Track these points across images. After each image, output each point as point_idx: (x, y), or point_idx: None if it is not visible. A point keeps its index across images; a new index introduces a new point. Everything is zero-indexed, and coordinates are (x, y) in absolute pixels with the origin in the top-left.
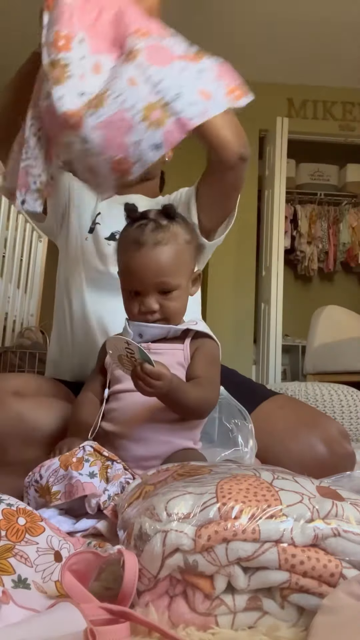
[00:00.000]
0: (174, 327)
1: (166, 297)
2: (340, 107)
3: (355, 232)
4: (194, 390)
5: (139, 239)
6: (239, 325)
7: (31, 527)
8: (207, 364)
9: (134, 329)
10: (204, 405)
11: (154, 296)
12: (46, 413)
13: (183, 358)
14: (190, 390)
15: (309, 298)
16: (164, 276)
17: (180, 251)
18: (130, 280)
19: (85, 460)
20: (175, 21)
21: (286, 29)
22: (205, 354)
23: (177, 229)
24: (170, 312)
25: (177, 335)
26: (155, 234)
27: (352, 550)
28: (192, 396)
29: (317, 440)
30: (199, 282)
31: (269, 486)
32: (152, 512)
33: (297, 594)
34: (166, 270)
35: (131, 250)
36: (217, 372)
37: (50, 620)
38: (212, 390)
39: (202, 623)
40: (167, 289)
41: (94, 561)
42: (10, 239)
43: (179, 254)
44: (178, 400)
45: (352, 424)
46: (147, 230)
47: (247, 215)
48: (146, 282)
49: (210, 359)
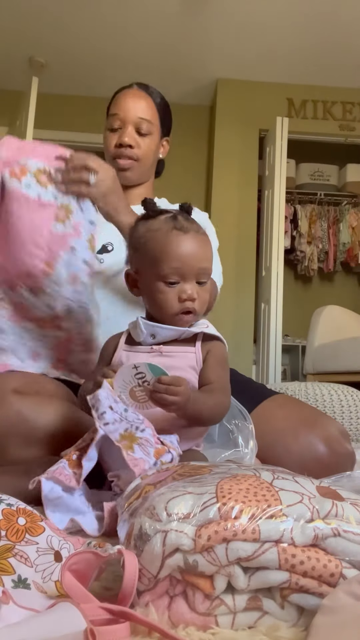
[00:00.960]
0: (187, 329)
1: (201, 287)
2: (340, 107)
3: (355, 232)
4: (210, 399)
5: (181, 226)
6: (239, 325)
7: (31, 527)
8: (220, 369)
9: (147, 329)
10: (221, 412)
11: (194, 284)
12: (46, 412)
13: (195, 361)
14: (206, 400)
15: (309, 298)
16: (205, 262)
17: (209, 241)
18: (173, 267)
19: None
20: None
21: (286, 29)
22: (216, 357)
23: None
24: (203, 303)
25: (187, 337)
26: (192, 224)
27: (352, 550)
28: (209, 405)
29: (317, 439)
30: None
31: (269, 486)
32: (152, 512)
33: (297, 594)
34: (209, 257)
35: (174, 236)
36: (228, 376)
37: (50, 620)
38: (226, 395)
39: (202, 623)
40: (206, 278)
41: (94, 561)
42: None
43: (211, 244)
44: (197, 411)
45: (352, 424)
46: (181, 219)
47: (247, 215)
48: (191, 267)
49: (221, 362)
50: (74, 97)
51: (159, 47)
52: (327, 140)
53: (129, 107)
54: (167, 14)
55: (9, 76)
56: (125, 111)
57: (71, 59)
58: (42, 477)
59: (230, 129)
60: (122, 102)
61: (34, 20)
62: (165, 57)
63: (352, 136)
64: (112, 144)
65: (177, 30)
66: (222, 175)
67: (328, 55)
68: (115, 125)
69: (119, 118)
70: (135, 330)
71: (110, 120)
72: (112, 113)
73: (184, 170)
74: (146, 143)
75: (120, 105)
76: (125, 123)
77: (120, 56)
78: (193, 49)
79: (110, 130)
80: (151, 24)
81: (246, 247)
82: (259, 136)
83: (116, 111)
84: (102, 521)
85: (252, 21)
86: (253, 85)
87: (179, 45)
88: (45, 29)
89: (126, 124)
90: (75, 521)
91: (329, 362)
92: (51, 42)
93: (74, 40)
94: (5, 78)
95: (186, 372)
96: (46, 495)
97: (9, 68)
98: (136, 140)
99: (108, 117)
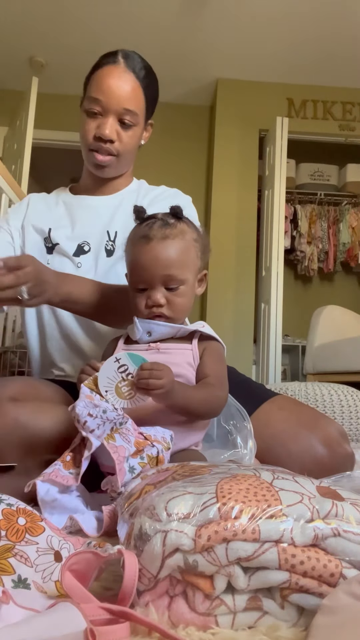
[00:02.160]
0: (183, 327)
1: (173, 293)
2: (340, 107)
3: (355, 232)
4: (203, 391)
5: (148, 234)
6: (239, 325)
7: (31, 527)
8: (216, 363)
9: (143, 326)
10: (214, 404)
11: (161, 290)
12: (44, 418)
13: (192, 358)
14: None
15: (309, 298)
16: (171, 269)
17: (187, 247)
18: (138, 275)
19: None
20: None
21: (286, 29)
22: (212, 354)
23: (184, 226)
24: (176, 308)
25: (183, 336)
26: (164, 230)
27: (352, 550)
28: (202, 396)
29: (316, 441)
30: (205, 283)
31: (269, 486)
32: (152, 512)
33: (297, 594)
34: (173, 263)
35: (139, 245)
36: (225, 371)
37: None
38: (221, 388)
39: (202, 623)
40: (174, 284)
41: (94, 561)
42: None
43: (186, 249)
44: (187, 401)
45: (352, 424)
46: (155, 226)
47: (247, 215)
48: (153, 275)
49: (217, 358)
50: (74, 97)
51: (159, 47)
52: (327, 140)
53: (112, 93)
54: (167, 14)
55: (9, 76)
56: (108, 97)
57: (71, 59)
58: (38, 480)
59: (230, 129)
60: (106, 85)
61: (34, 20)
62: (165, 57)
63: (352, 136)
64: (91, 134)
65: (177, 30)
66: (222, 175)
67: (328, 55)
68: (95, 110)
69: (101, 105)
70: (132, 329)
71: (90, 103)
72: (93, 96)
73: (184, 170)
74: (129, 135)
75: (102, 90)
76: (108, 112)
77: None
78: (193, 49)
79: (88, 114)
80: (151, 24)
81: (246, 247)
82: (259, 136)
83: (98, 95)
84: (101, 521)
85: (252, 21)
86: (253, 85)
87: (179, 45)
88: (45, 29)
89: (108, 113)
90: (74, 520)
91: (329, 362)
92: (51, 42)
93: (74, 40)
94: (5, 78)
95: (183, 368)
96: (42, 498)
97: (9, 68)
98: (118, 134)
99: (86, 96)
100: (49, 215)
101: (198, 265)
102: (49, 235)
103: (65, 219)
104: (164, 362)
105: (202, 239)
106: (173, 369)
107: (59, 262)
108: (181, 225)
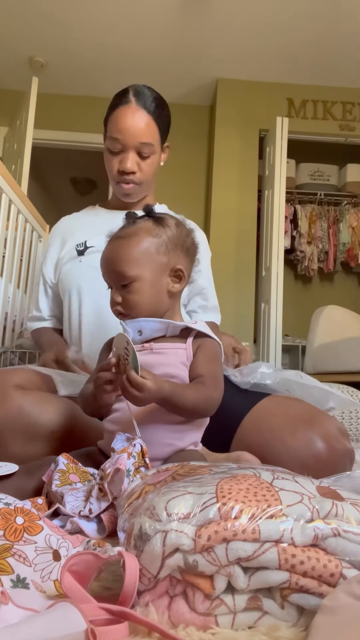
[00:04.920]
0: (172, 322)
1: (126, 290)
2: (340, 107)
3: (355, 232)
4: (192, 393)
5: (110, 235)
6: (239, 325)
7: (29, 527)
8: (209, 362)
9: (132, 326)
10: (207, 404)
11: (118, 290)
12: (47, 408)
13: (186, 357)
14: (187, 394)
15: (309, 298)
16: (117, 265)
17: (138, 243)
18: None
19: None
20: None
21: (286, 29)
22: (206, 352)
23: (146, 224)
24: (129, 305)
25: (176, 334)
26: (122, 231)
27: (352, 550)
28: (189, 399)
29: (315, 437)
30: (184, 279)
31: (269, 486)
32: (152, 512)
33: (297, 594)
34: (121, 261)
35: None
36: (220, 370)
37: (50, 620)
38: (216, 388)
39: (202, 623)
40: (125, 281)
41: (94, 562)
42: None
43: (138, 245)
44: (175, 405)
45: (352, 424)
46: (121, 227)
47: (247, 215)
48: (106, 275)
49: (211, 356)
50: (74, 97)
51: (159, 47)
52: (327, 140)
53: (128, 131)
54: (167, 14)
55: (9, 76)
56: (125, 136)
57: (71, 59)
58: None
59: (230, 129)
60: (122, 125)
61: (34, 20)
62: (165, 57)
63: (352, 136)
64: (115, 169)
65: (178, 30)
66: (222, 175)
67: (328, 55)
68: (115, 149)
69: (120, 143)
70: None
71: (111, 143)
72: (113, 137)
73: (184, 170)
74: (147, 164)
75: (119, 129)
76: (127, 148)
77: (120, 56)
78: (193, 49)
79: (111, 153)
80: (151, 23)
81: (246, 247)
82: (259, 136)
83: (116, 135)
84: (102, 524)
85: (252, 21)
86: (253, 85)
87: (179, 45)
88: (45, 29)
89: (127, 149)
90: (75, 523)
91: (329, 362)
92: (51, 42)
93: (74, 40)
94: (5, 78)
95: (177, 368)
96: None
97: (9, 68)
98: (138, 165)
99: (107, 136)
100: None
101: (161, 261)
102: (84, 244)
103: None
104: (157, 362)
105: (172, 234)
106: (167, 369)
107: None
108: (143, 223)
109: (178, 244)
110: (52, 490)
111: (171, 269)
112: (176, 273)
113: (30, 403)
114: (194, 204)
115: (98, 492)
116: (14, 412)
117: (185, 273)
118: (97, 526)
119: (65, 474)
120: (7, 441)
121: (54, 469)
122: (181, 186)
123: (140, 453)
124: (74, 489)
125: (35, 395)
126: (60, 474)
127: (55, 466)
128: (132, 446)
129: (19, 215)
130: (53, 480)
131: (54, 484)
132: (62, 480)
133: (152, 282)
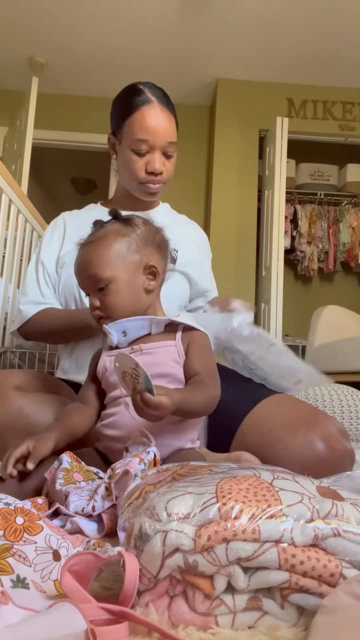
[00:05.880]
0: (155, 318)
1: (102, 293)
2: (340, 107)
3: (355, 232)
4: (200, 395)
5: (81, 241)
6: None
7: (29, 526)
8: (203, 357)
9: (115, 328)
10: (211, 403)
11: (95, 294)
12: (47, 410)
13: (177, 354)
14: (196, 398)
15: (309, 298)
16: (91, 269)
17: (109, 245)
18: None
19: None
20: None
21: (286, 29)
22: (198, 347)
23: (114, 226)
24: (107, 307)
25: (161, 330)
26: (91, 236)
27: (352, 550)
28: (199, 402)
29: (315, 437)
30: (159, 275)
31: (269, 486)
32: (152, 512)
33: (297, 594)
34: (94, 265)
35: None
36: (214, 363)
37: (50, 620)
38: (215, 386)
39: (202, 623)
40: (100, 283)
41: (94, 562)
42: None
43: (109, 247)
44: (187, 412)
45: (352, 424)
46: (89, 235)
47: (247, 215)
48: (81, 280)
49: (204, 351)
50: (74, 97)
51: (159, 47)
52: (327, 140)
53: (157, 132)
54: (167, 14)
55: (9, 76)
56: (154, 137)
57: (71, 59)
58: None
59: (230, 129)
60: (150, 125)
61: (34, 20)
62: (165, 57)
63: (352, 136)
64: (141, 170)
65: (178, 30)
66: (222, 175)
67: (328, 55)
68: (142, 150)
69: (148, 144)
70: (108, 338)
71: (137, 144)
72: (139, 138)
73: (184, 170)
74: (171, 162)
75: (148, 130)
76: (154, 149)
77: (120, 56)
78: (193, 49)
79: (136, 154)
80: (151, 23)
81: (246, 247)
82: (259, 136)
83: (144, 136)
84: (102, 524)
85: (252, 21)
86: (253, 85)
87: (179, 45)
88: (45, 28)
89: (154, 150)
90: (75, 523)
91: (329, 362)
92: (51, 42)
93: (74, 39)
94: (5, 78)
95: (169, 366)
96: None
97: (9, 68)
98: (164, 164)
99: (131, 139)
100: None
101: (134, 259)
102: None
103: None
104: (148, 362)
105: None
106: (159, 368)
107: None
108: (111, 226)
109: (148, 241)
110: (56, 488)
111: (144, 266)
112: (150, 270)
113: (29, 404)
114: (194, 203)
115: (104, 491)
116: (14, 412)
117: (158, 269)
118: (97, 526)
119: (70, 472)
120: (7, 442)
121: (57, 467)
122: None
123: (152, 461)
124: (78, 488)
125: (34, 396)
126: (65, 472)
127: (58, 464)
128: (146, 453)
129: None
130: (57, 479)
131: (57, 482)
132: (66, 479)
133: (128, 282)
